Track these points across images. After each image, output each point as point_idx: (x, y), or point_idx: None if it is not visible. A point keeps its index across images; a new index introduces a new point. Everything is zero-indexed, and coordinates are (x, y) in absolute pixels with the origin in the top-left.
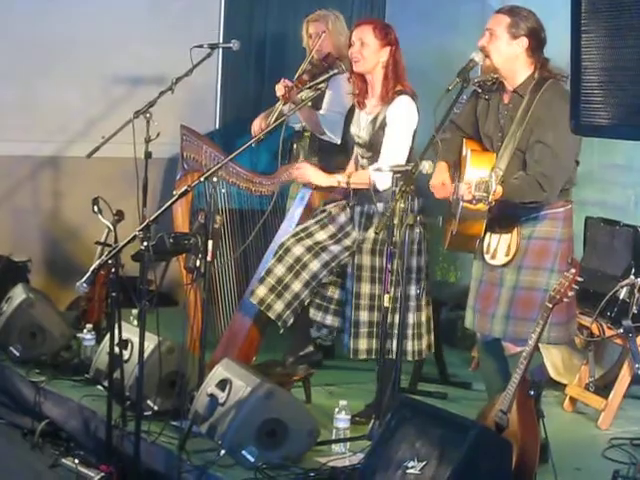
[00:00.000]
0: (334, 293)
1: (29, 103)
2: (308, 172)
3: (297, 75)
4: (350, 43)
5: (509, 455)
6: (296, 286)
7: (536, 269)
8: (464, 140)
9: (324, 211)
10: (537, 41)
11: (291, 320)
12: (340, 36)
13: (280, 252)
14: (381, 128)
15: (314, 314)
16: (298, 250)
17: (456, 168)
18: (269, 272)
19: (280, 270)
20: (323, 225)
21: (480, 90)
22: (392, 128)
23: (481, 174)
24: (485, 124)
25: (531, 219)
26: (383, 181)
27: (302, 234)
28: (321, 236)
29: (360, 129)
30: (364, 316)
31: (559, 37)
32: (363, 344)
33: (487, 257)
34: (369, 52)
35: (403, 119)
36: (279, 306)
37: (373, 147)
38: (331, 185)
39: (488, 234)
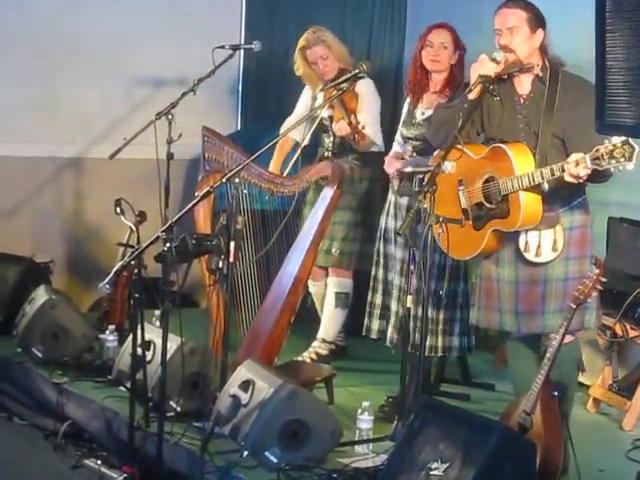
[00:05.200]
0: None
1: (50, 105)
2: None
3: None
4: (426, 44)
5: (533, 456)
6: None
7: (581, 257)
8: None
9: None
10: (545, 31)
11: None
12: (339, 47)
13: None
14: None
15: (380, 324)
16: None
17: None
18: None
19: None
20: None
21: (490, 87)
22: None
23: (528, 162)
24: (501, 118)
25: (568, 210)
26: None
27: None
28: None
29: (412, 127)
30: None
31: (581, 37)
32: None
33: (529, 256)
34: (448, 55)
35: None
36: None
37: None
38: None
39: (524, 232)
